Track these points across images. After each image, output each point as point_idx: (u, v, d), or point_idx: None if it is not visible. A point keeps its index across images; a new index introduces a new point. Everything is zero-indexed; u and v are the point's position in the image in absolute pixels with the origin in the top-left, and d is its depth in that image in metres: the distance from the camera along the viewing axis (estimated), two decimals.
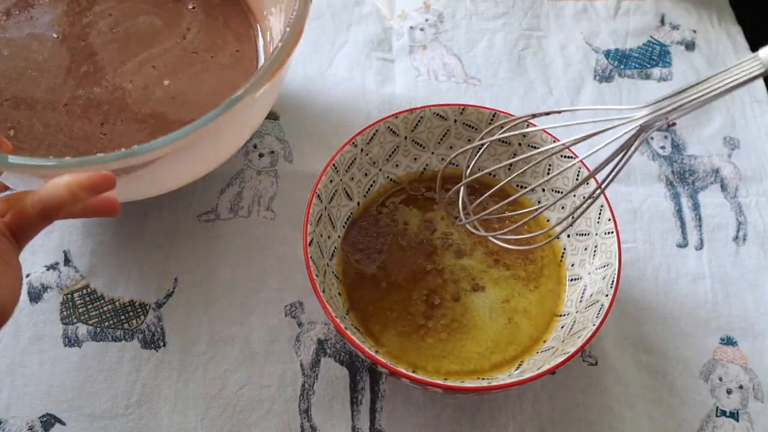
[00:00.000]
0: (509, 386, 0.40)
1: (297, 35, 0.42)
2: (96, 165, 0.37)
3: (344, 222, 0.49)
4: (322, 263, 0.45)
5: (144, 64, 0.50)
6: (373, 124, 0.48)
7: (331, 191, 0.47)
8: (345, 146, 0.47)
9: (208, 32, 0.52)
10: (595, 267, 0.46)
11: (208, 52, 0.52)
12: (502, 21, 0.64)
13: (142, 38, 0.51)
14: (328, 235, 0.47)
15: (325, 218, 0.47)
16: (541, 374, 0.40)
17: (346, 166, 0.48)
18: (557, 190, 0.49)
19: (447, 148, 0.51)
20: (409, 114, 0.49)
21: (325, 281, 0.44)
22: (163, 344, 0.48)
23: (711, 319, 0.51)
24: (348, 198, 0.49)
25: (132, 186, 0.44)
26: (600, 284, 0.44)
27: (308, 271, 0.42)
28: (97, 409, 0.46)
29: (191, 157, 0.44)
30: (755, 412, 0.48)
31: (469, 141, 0.51)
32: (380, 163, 0.50)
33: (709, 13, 0.65)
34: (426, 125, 0.50)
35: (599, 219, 0.46)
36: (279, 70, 0.41)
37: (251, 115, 0.46)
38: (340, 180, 0.48)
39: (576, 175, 0.48)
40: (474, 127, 0.50)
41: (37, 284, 0.49)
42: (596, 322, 0.41)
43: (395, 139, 0.50)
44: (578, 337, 0.42)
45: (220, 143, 0.46)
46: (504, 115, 0.49)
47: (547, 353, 0.44)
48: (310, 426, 0.46)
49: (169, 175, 0.46)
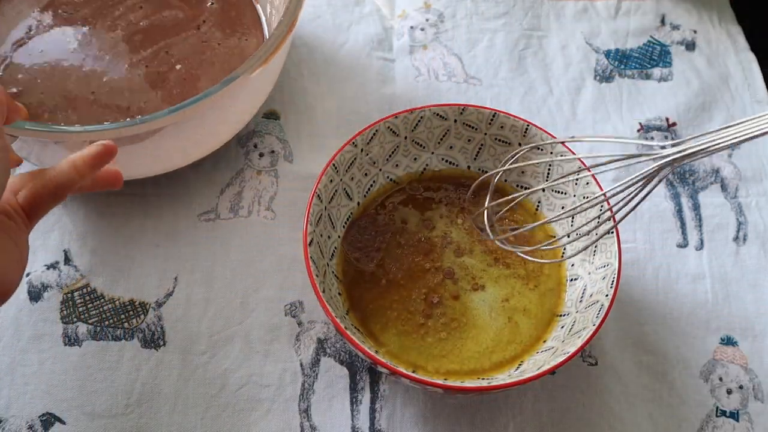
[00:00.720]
0: (509, 386, 0.40)
1: (290, 25, 0.47)
2: (104, 132, 0.41)
3: (344, 222, 0.49)
4: (322, 263, 0.45)
5: (159, 51, 0.54)
6: (373, 124, 0.48)
7: (331, 191, 0.47)
8: (345, 146, 0.47)
9: (220, 25, 0.56)
10: (595, 267, 0.46)
11: (217, 41, 0.55)
12: (503, 21, 0.64)
13: (163, 29, 0.55)
14: (328, 235, 0.47)
15: (325, 218, 0.47)
16: (540, 374, 0.40)
17: (346, 166, 0.48)
18: (559, 190, 0.49)
19: (447, 148, 0.51)
20: (409, 114, 0.49)
21: (325, 281, 0.44)
22: (163, 343, 0.48)
23: (711, 319, 0.51)
24: (348, 198, 0.49)
25: (138, 160, 0.49)
26: (600, 284, 0.44)
27: (308, 271, 0.42)
28: (97, 408, 0.46)
29: (193, 132, 0.48)
30: (755, 412, 0.48)
31: (469, 141, 0.51)
32: (380, 163, 0.50)
33: (710, 13, 0.65)
34: (426, 125, 0.50)
35: (599, 219, 0.46)
36: (273, 54, 0.45)
37: (247, 96, 0.50)
38: (340, 180, 0.48)
39: (576, 174, 0.47)
40: (474, 127, 0.50)
41: (37, 283, 0.49)
42: (596, 322, 0.41)
43: (395, 139, 0.50)
44: (578, 337, 0.42)
45: (217, 122, 0.49)
46: (505, 115, 0.49)
47: (547, 353, 0.44)
48: (309, 426, 0.46)
49: (171, 148, 0.49)
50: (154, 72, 0.52)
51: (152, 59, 0.53)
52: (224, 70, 0.53)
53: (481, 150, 0.51)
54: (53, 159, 0.48)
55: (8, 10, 0.55)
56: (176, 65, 0.53)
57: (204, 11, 0.56)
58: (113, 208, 0.53)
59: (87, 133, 0.42)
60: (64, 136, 0.42)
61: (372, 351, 0.41)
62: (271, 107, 0.58)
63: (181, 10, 0.56)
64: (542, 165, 0.50)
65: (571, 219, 0.49)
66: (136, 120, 0.42)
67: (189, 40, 0.55)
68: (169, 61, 0.53)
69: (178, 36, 0.55)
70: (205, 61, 0.53)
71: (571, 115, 0.59)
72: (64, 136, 0.42)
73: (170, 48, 0.54)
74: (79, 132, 0.42)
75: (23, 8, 0.55)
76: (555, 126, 0.58)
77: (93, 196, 0.53)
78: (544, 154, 0.49)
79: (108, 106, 0.50)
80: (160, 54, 0.53)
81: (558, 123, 0.59)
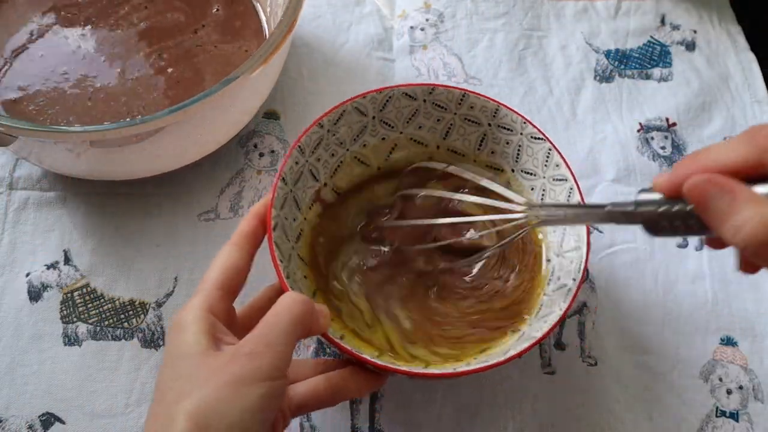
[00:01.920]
0: (474, 372, 0.39)
1: (290, 25, 0.47)
2: (104, 131, 0.41)
3: (310, 203, 0.48)
4: (287, 247, 0.44)
5: (152, 54, 0.54)
6: (340, 104, 0.47)
7: (297, 173, 0.46)
8: (311, 127, 0.46)
9: (220, 30, 0.56)
10: (565, 250, 0.45)
11: (212, 45, 0.55)
12: (503, 21, 0.64)
13: (162, 31, 0.55)
14: (293, 217, 0.46)
15: (290, 200, 0.46)
16: (506, 360, 0.38)
17: (312, 147, 0.47)
18: (528, 171, 0.49)
19: (416, 127, 0.51)
20: (377, 94, 0.48)
21: (290, 266, 0.43)
22: (163, 343, 0.48)
23: (711, 320, 0.51)
24: (314, 179, 0.48)
25: (138, 160, 0.49)
26: (568, 267, 0.44)
27: (272, 257, 0.41)
28: (97, 408, 0.46)
29: (193, 132, 0.48)
30: (755, 412, 0.48)
31: (438, 121, 0.50)
32: (348, 143, 0.49)
33: (710, 13, 0.65)
34: (395, 105, 0.49)
35: (569, 201, 0.46)
36: (273, 54, 0.46)
37: (247, 96, 0.50)
38: (306, 161, 0.47)
39: (546, 156, 0.47)
40: (443, 107, 0.49)
41: (37, 283, 0.49)
42: (563, 306, 0.41)
43: (363, 119, 0.49)
44: (544, 322, 0.41)
45: (217, 122, 0.49)
46: (475, 95, 0.48)
47: (515, 338, 0.43)
48: (309, 426, 0.46)
49: (171, 148, 0.49)
50: (148, 75, 0.53)
51: (145, 62, 0.53)
52: (219, 76, 0.53)
53: (451, 130, 0.51)
54: (53, 159, 0.49)
55: (9, 13, 0.55)
56: (168, 68, 0.53)
57: (206, 17, 0.57)
58: (113, 207, 0.53)
59: (87, 133, 0.42)
60: (64, 136, 0.42)
61: (337, 336, 0.40)
62: (271, 107, 0.58)
63: (183, 14, 0.57)
64: (512, 146, 0.49)
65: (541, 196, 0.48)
66: (136, 120, 0.42)
67: (184, 43, 0.55)
68: (158, 65, 0.53)
69: (173, 39, 0.55)
70: (197, 65, 0.53)
71: (571, 115, 0.59)
72: (64, 136, 0.42)
73: (165, 51, 0.54)
74: (79, 132, 0.42)
75: (24, 11, 0.55)
76: (555, 126, 0.58)
77: (93, 196, 0.53)
78: (513, 134, 0.49)
79: (107, 112, 0.50)
80: (152, 57, 0.54)
81: (558, 123, 0.59)
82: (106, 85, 0.52)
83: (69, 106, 0.50)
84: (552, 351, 0.49)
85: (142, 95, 0.52)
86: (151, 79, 0.53)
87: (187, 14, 0.56)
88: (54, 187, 0.53)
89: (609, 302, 0.51)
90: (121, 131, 0.42)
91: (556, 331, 0.49)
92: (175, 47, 0.54)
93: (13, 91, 0.51)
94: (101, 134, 0.42)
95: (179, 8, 0.57)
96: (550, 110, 0.59)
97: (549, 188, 0.47)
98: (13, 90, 0.51)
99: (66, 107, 0.50)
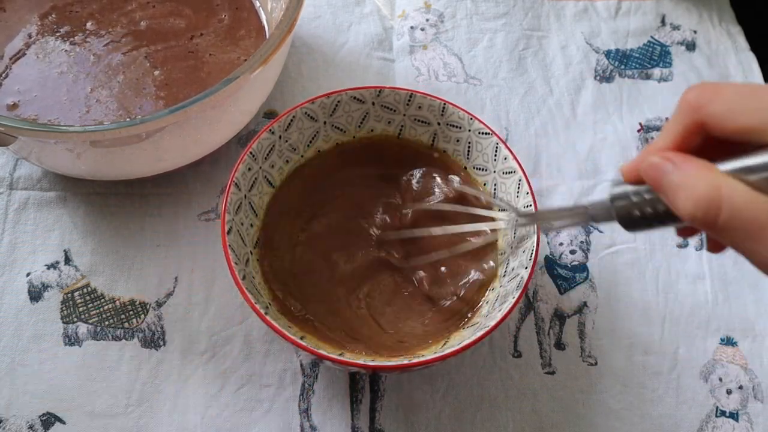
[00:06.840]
0: (430, 363, 0.39)
1: (290, 25, 0.47)
2: (104, 131, 0.41)
3: (266, 209, 0.48)
4: (244, 251, 0.45)
5: (139, 56, 0.54)
6: (290, 110, 0.48)
7: (251, 179, 0.47)
8: (262, 134, 0.46)
9: (220, 39, 0.56)
10: (517, 240, 0.46)
11: (207, 52, 0.55)
12: (503, 21, 0.64)
13: (158, 34, 0.55)
14: (250, 223, 0.46)
15: (246, 206, 0.46)
16: (460, 349, 0.39)
17: (265, 153, 0.47)
18: (480, 167, 0.49)
19: (369, 130, 0.51)
20: (326, 99, 0.48)
21: (246, 269, 0.44)
22: (163, 343, 0.48)
23: (711, 320, 0.51)
24: (270, 185, 0.48)
25: (138, 160, 0.48)
26: (521, 257, 0.44)
27: (227, 259, 0.41)
28: (97, 408, 0.46)
29: (193, 132, 0.48)
30: (755, 412, 0.48)
31: (389, 123, 0.51)
32: (301, 149, 0.50)
33: (710, 14, 0.65)
34: (344, 109, 0.50)
35: (518, 192, 0.46)
36: (273, 54, 0.46)
37: (247, 96, 0.50)
38: (260, 168, 0.47)
39: (494, 150, 0.48)
40: (392, 109, 0.50)
41: (37, 283, 0.49)
42: (516, 295, 0.41)
43: (314, 124, 0.49)
44: (499, 311, 0.41)
45: (217, 122, 0.49)
46: (421, 95, 0.49)
47: (471, 329, 0.44)
48: (309, 426, 0.46)
49: (171, 148, 0.49)
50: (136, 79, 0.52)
51: (131, 63, 0.53)
52: (213, 80, 0.53)
53: (402, 131, 0.51)
54: (53, 159, 0.49)
55: (9, 15, 0.55)
56: (154, 71, 0.53)
57: (208, 25, 0.56)
58: (113, 207, 0.53)
59: (87, 133, 0.42)
60: (64, 136, 0.42)
61: (297, 337, 0.40)
62: (271, 107, 0.58)
63: (185, 20, 0.56)
64: (462, 143, 0.49)
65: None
66: (136, 120, 0.42)
67: (175, 48, 0.54)
68: (144, 66, 0.53)
69: (166, 43, 0.55)
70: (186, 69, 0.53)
71: (571, 115, 0.59)
72: (64, 136, 0.42)
73: (153, 55, 0.54)
74: (79, 132, 0.42)
75: (23, 14, 0.55)
76: (555, 126, 0.58)
77: (93, 196, 0.53)
78: (461, 131, 0.49)
79: (106, 115, 0.50)
80: (139, 59, 0.53)
81: (558, 123, 0.59)
82: (105, 87, 0.52)
83: (65, 111, 0.50)
84: (552, 351, 0.49)
85: (139, 97, 0.51)
86: (136, 82, 0.52)
87: (190, 20, 0.56)
88: (54, 187, 0.53)
89: (609, 302, 0.51)
90: (121, 131, 0.42)
91: (556, 330, 0.49)
92: (164, 50, 0.54)
93: (11, 97, 0.51)
94: (101, 134, 0.42)
95: (182, 13, 0.56)
96: (550, 110, 0.59)
97: (500, 182, 0.48)
98: (12, 95, 0.51)
99: (63, 112, 0.50)
